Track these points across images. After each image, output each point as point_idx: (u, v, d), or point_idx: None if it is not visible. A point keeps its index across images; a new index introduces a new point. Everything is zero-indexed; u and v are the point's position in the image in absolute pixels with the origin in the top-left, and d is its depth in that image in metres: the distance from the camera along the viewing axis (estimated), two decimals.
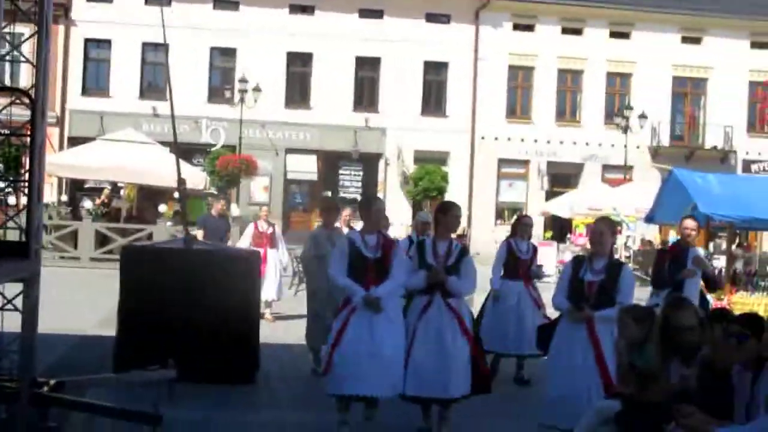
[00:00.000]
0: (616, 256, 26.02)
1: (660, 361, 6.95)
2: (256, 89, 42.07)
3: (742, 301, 16.26)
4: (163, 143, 33.51)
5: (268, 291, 17.34)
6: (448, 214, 9.37)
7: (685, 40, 47.84)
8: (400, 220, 38.21)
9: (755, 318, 6.44)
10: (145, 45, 43.49)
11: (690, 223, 11.83)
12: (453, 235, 9.57)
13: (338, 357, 8.84)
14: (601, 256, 8.79)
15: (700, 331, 6.82)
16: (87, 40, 44.22)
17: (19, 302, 8.12)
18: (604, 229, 8.91)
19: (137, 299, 11.14)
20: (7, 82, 22.75)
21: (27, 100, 8.24)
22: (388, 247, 9.17)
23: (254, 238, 17.65)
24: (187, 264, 11.41)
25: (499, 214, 46.85)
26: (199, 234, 16.15)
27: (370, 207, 9.49)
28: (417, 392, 8.98)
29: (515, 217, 17.38)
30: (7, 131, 8.73)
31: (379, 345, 8.78)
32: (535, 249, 13.03)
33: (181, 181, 12.01)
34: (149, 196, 33.19)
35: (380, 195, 44.23)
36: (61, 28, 42.10)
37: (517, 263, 12.60)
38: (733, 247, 28.17)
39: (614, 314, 8.01)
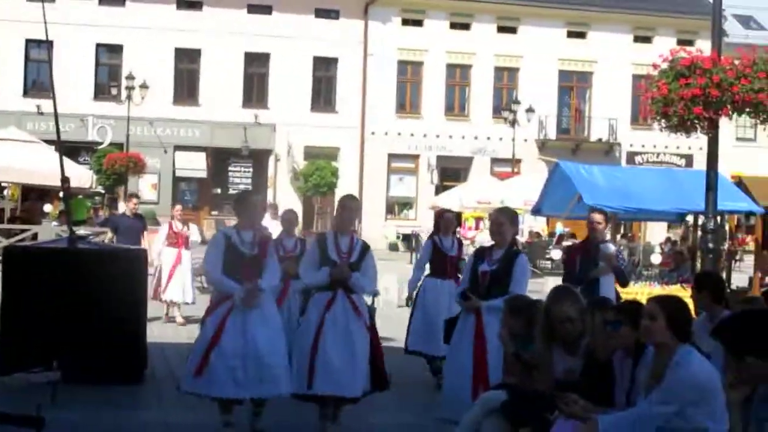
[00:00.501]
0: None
1: (544, 350, 7.05)
2: (144, 86, 41.49)
3: (625, 291, 16.52)
4: (48, 142, 32.75)
5: (175, 292, 16.93)
6: (346, 208, 9.18)
7: (570, 34, 48.64)
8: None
9: (631, 305, 6.57)
10: (28, 42, 42.58)
11: (597, 216, 11.37)
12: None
13: (215, 358, 8.56)
14: (500, 247, 8.75)
15: (581, 320, 6.93)
16: None
17: None
18: (503, 219, 8.85)
19: (20, 300, 10.89)
20: None
21: None
22: (264, 244, 8.99)
23: (169, 238, 17.08)
24: (71, 264, 11.19)
25: (390, 209, 47.08)
26: (108, 235, 15.70)
27: (245, 202, 9.30)
28: (326, 390, 8.76)
29: (434, 212, 17.00)
30: None
31: (255, 345, 8.54)
32: (460, 244, 12.70)
33: (64, 180, 11.75)
34: (34, 196, 32.49)
35: (270, 191, 44.15)
36: None
37: (444, 260, 12.21)
38: (618, 237, 28.76)
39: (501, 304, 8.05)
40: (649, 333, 5.78)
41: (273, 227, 14.22)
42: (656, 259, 27.72)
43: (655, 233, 40.33)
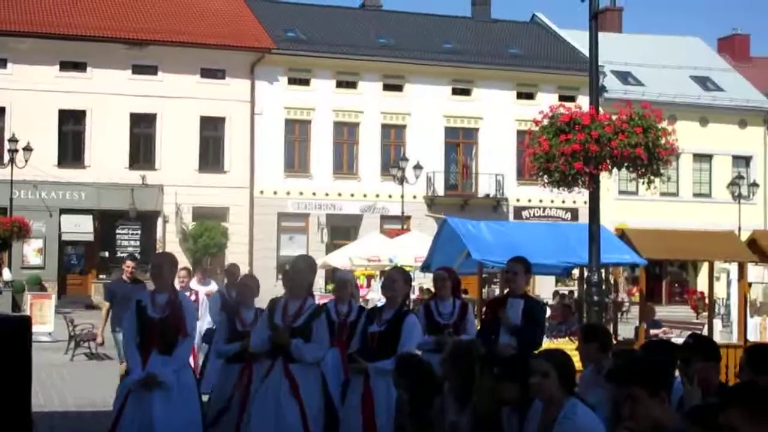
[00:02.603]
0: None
1: (436, 407, 7.07)
2: (27, 148, 40.67)
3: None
4: None
5: None
6: (295, 270, 8.85)
7: (455, 91, 49.40)
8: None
9: (514, 360, 6.65)
10: None
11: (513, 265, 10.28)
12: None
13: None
14: (391, 307, 8.77)
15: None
16: None
17: None
18: (397, 276, 8.92)
19: None
20: None
21: None
22: (177, 308, 8.59)
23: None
24: None
25: (281, 269, 46.84)
26: (104, 306, 14.81)
27: (162, 264, 8.99)
28: None
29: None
30: None
31: (152, 420, 8.25)
32: (464, 306, 10.64)
33: None
34: None
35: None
36: None
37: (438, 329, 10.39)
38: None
39: (389, 366, 7.96)
40: (540, 390, 5.86)
41: (202, 292, 13.96)
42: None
43: (545, 287, 40.85)
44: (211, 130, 46.55)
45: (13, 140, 40.41)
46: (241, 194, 46.13)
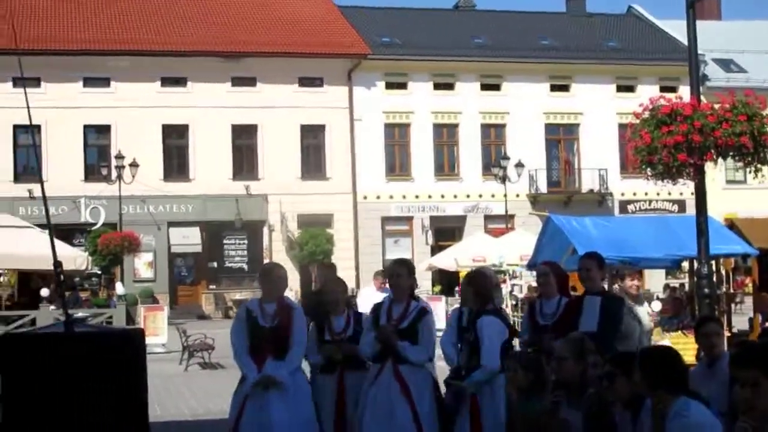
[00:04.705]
0: (503, 305, 26.26)
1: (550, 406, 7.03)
2: (133, 164, 41.53)
3: None
4: (42, 226, 32.85)
5: None
6: (396, 272, 8.90)
7: (554, 88, 49.03)
8: (289, 286, 38.01)
9: (625, 356, 6.57)
10: (16, 127, 42.55)
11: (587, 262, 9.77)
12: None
13: None
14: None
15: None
16: None
17: None
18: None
19: (19, 390, 10.77)
20: None
21: None
22: (286, 315, 8.68)
23: None
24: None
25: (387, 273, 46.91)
26: None
27: (268, 274, 9.12)
28: None
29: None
30: None
31: (271, 422, 8.34)
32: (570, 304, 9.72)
33: (57, 264, 11.73)
34: (30, 281, 32.42)
35: (267, 261, 44.09)
36: None
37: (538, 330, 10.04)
38: (615, 286, 28.71)
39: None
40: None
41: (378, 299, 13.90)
42: (656, 306, 27.63)
43: (655, 281, 40.24)
44: (312, 138, 46.93)
45: (120, 157, 41.30)
46: (344, 200, 46.43)
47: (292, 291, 39.39)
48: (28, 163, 44.07)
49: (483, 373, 8.24)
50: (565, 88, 49.22)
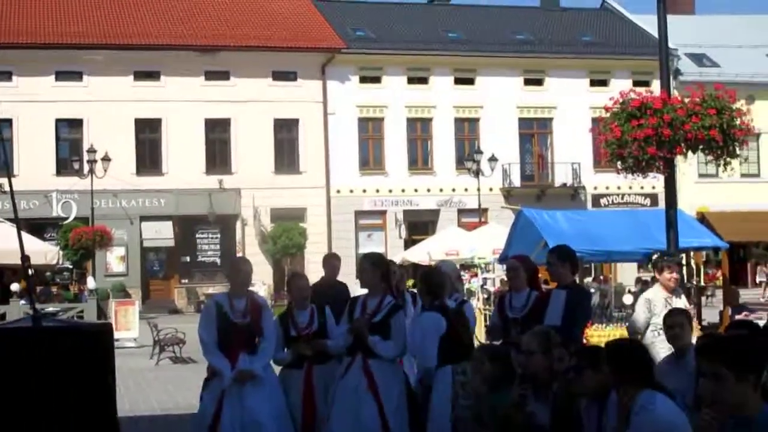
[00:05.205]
0: (473, 299, 26.31)
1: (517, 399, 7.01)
2: (106, 158, 41.20)
3: (597, 334, 16.54)
4: (11, 220, 32.63)
5: None
6: (360, 266, 9.00)
7: (527, 82, 49.13)
8: (261, 280, 38.06)
9: (591, 350, 6.58)
10: None
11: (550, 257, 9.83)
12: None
13: None
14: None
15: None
16: None
17: None
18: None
19: None
20: None
21: None
22: (256, 311, 8.71)
23: None
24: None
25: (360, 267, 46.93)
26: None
27: (237, 269, 9.14)
28: None
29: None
30: None
31: (253, 415, 8.37)
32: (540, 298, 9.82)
33: (25, 258, 11.64)
34: (4, 276, 32.20)
35: (239, 255, 43.98)
36: None
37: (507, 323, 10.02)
38: (588, 280, 28.82)
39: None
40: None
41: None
42: (628, 299, 27.72)
43: (627, 274, 40.39)
44: (285, 132, 46.83)
45: (92, 151, 40.99)
46: (317, 194, 46.36)
47: (265, 285, 39.39)
48: None
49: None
50: (538, 82, 49.33)
